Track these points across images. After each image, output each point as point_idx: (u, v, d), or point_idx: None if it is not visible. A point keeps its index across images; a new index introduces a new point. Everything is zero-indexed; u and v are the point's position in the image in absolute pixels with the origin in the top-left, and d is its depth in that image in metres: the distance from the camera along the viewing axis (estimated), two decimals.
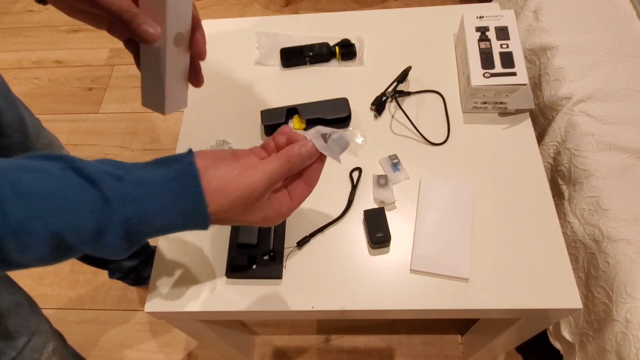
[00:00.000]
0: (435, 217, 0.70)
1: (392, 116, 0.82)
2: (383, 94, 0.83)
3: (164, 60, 0.46)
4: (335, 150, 0.48)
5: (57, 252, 0.38)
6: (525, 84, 0.74)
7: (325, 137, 0.48)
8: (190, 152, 0.43)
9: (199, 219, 0.42)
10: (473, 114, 0.80)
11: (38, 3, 0.49)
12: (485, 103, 0.78)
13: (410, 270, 0.67)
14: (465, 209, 0.71)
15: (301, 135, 0.48)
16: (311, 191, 0.49)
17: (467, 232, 0.69)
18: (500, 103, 0.78)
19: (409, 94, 0.84)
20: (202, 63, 0.53)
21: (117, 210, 0.38)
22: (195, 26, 0.48)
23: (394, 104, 0.82)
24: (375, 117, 0.82)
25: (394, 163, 0.75)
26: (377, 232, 0.68)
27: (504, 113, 0.80)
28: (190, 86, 0.53)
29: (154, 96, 0.49)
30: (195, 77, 0.52)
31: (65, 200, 0.37)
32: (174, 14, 0.44)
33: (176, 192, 0.40)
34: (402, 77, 0.84)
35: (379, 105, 0.82)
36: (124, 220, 0.38)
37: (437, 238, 0.69)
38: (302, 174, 0.48)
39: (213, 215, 0.42)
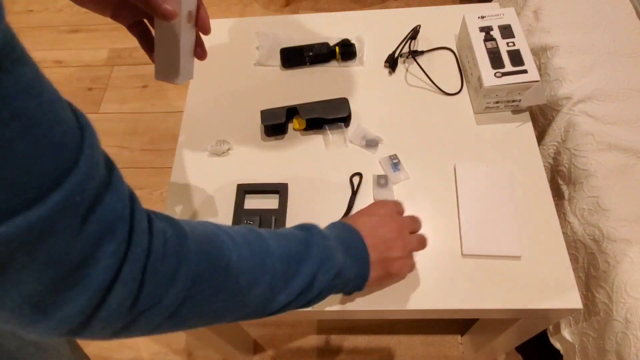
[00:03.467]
0: (476, 201, 0.71)
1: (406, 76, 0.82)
2: (395, 52, 0.87)
3: (179, 35, 0.53)
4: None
5: (301, 296, 0.46)
6: (538, 80, 0.74)
7: None
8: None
9: (362, 251, 0.53)
10: (481, 115, 0.81)
11: None
12: (497, 102, 0.78)
13: (462, 254, 0.67)
14: (502, 190, 0.71)
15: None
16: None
17: (511, 211, 0.69)
18: (512, 101, 0.77)
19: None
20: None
21: (336, 254, 0.50)
22: (199, 4, 0.55)
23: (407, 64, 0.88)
24: (390, 73, 0.86)
25: (394, 163, 0.75)
26: None
27: (516, 111, 0.80)
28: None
29: (168, 69, 0.56)
30: (201, 49, 0.59)
31: (309, 249, 0.47)
32: None
33: (344, 238, 0.53)
34: (414, 35, 0.88)
35: (392, 63, 0.86)
36: (339, 260, 0.50)
37: (483, 220, 0.69)
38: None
39: (369, 248, 0.54)
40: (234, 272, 0.39)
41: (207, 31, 0.56)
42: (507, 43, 0.78)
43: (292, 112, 0.81)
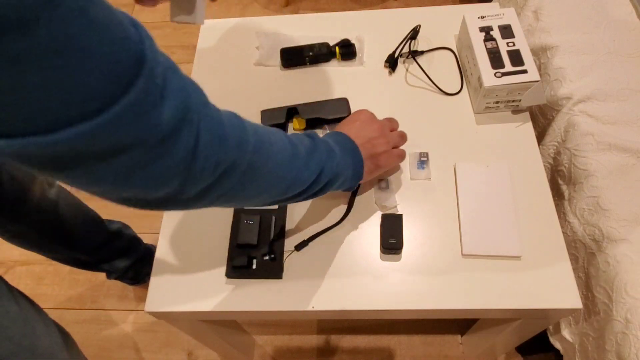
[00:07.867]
0: (476, 201, 0.71)
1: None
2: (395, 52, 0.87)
3: None
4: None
5: (313, 185, 0.53)
6: (537, 80, 0.74)
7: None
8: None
9: (354, 150, 0.61)
10: (481, 115, 0.81)
11: None
12: (497, 102, 0.78)
13: (462, 254, 0.67)
14: (503, 190, 0.71)
15: None
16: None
17: (511, 210, 0.69)
18: (512, 101, 0.78)
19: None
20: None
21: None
22: None
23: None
24: (390, 73, 0.86)
25: (422, 161, 0.75)
26: (390, 239, 0.68)
27: (516, 111, 0.80)
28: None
29: (184, 10, 0.60)
30: None
31: (317, 145, 0.55)
32: None
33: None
34: (414, 35, 0.88)
35: (392, 63, 0.86)
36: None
37: (483, 220, 0.69)
38: None
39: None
40: (277, 147, 0.49)
41: None
42: (507, 43, 0.78)
43: (292, 112, 0.81)
